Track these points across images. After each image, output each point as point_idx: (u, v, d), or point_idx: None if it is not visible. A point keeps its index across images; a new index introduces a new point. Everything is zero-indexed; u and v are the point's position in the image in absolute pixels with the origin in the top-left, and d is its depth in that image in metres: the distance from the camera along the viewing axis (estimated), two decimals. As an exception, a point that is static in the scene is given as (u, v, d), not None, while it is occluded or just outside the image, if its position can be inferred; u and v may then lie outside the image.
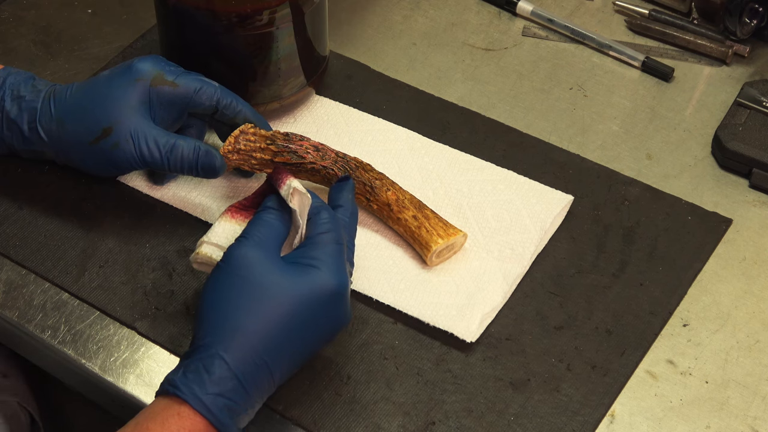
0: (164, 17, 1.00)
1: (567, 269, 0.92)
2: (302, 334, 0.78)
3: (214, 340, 0.76)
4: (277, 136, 0.93)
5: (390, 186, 0.93)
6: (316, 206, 0.83)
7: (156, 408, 0.75)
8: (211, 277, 0.80)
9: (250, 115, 0.94)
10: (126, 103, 0.91)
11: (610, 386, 0.85)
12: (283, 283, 0.78)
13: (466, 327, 0.87)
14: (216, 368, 0.75)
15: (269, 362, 0.77)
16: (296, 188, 0.82)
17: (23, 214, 0.96)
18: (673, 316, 0.89)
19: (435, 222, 0.90)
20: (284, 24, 0.96)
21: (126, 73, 0.93)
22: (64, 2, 1.17)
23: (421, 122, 1.03)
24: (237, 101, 0.94)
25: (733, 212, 0.97)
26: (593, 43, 1.12)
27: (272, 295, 0.77)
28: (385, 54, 1.11)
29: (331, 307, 0.79)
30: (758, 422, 0.83)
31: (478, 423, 0.82)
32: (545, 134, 1.03)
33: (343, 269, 0.80)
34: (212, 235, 0.85)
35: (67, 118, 0.93)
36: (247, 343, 0.76)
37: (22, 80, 0.95)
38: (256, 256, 0.79)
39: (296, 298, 0.77)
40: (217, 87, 0.94)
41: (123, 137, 0.91)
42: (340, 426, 0.82)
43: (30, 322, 0.89)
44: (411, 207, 0.91)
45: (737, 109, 1.02)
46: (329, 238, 0.81)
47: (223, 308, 0.77)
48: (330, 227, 0.82)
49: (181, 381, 0.75)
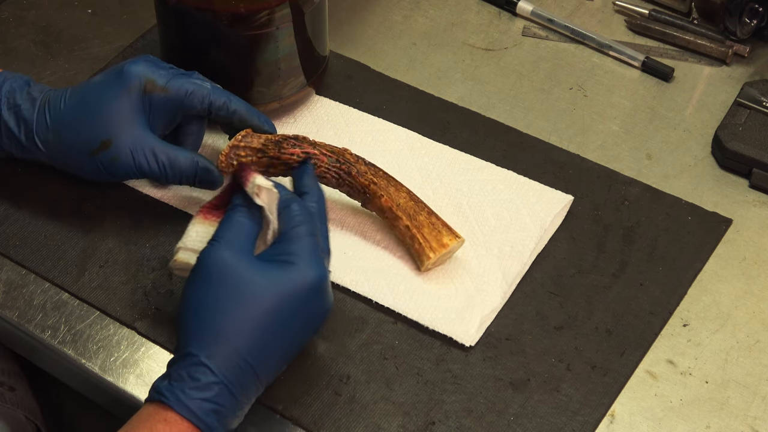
0: (164, 17, 1.00)
1: (567, 269, 0.92)
2: (286, 331, 0.78)
3: (197, 348, 0.76)
4: (269, 147, 0.91)
5: (384, 191, 0.91)
6: (285, 199, 0.82)
7: (143, 415, 0.75)
8: (187, 282, 0.79)
9: (245, 114, 0.93)
10: (122, 115, 0.91)
11: (610, 386, 0.85)
12: (261, 282, 0.77)
13: (465, 331, 0.87)
14: (201, 375, 0.75)
15: (254, 364, 0.76)
16: (260, 185, 0.81)
17: (23, 214, 0.96)
18: (673, 316, 0.89)
19: (428, 231, 0.89)
20: (284, 24, 0.96)
21: (118, 82, 0.91)
22: (64, 2, 1.17)
23: (421, 122, 1.03)
24: (230, 102, 0.93)
25: (733, 212, 0.97)
26: (593, 43, 1.12)
27: (251, 296, 0.77)
28: (385, 54, 1.11)
29: (312, 301, 0.79)
30: (758, 422, 0.83)
31: (478, 423, 0.82)
32: (545, 134, 1.03)
33: (320, 261, 0.80)
34: (187, 239, 0.84)
35: (64, 130, 0.92)
36: (229, 348, 0.76)
37: (18, 86, 0.94)
38: (229, 258, 0.78)
39: (275, 296, 0.77)
40: (209, 89, 0.92)
41: (122, 151, 0.91)
42: (340, 426, 0.82)
43: (30, 322, 0.89)
44: (404, 216, 0.90)
45: (737, 109, 1.02)
46: (302, 231, 0.80)
47: (203, 314, 0.77)
48: (302, 219, 0.81)
49: (166, 389, 0.75)
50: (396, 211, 0.90)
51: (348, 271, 0.91)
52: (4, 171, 0.98)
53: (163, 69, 0.93)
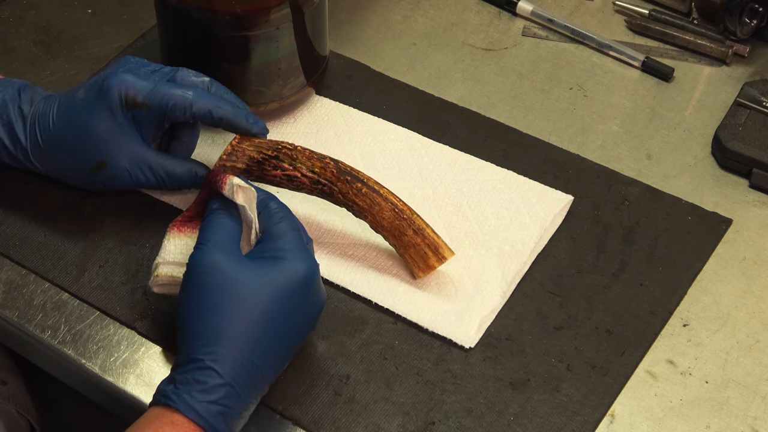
0: (164, 17, 1.00)
1: (567, 269, 0.92)
2: (284, 327, 0.78)
3: (201, 352, 0.76)
4: (252, 168, 0.90)
5: (367, 211, 0.88)
6: (262, 198, 0.83)
7: (149, 417, 0.75)
8: (182, 289, 0.79)
9: (232, 120, 0.90)
10: (111, 136, 0.90)
11: (610, 386, 0.85)
12: (255, 280, 0.78)
13: (465, 332, 0.87)
14: (208, 379, 0.75)
15: (258, 363, 0.76)
16: (239, 185, 0.81)
17: (23, 215, 0.96)
18: (673, 316, 0.89)
19: (414, 252, 0.88)
20: (284, 24, 0.96)
21: (100, 100, 0.90)
22: (64, 2, 1.17)
23: (421, 122, 1.03)
24: (215, 109, 0.90)
25: (733, 212, 0.97)
26: (593, 43, 1.12)
27: (247, 295, 0.77)
28: (385, 54, 1.11)
29: (306, 294, 0.79)
30: (758, 422, 0.83)
31: (478, 423, 0.82)
32: (545, 134, 1.03)
33: (308, 254, 0.80)
34: (165, 253, 0.85)
35: (57, 152, 0.92)
36: (234, 349, 0.76)
37: (9, 99, 0.93)
38: (221, 260, 0.78)
39: (271, 293, 0.77)
40: (190, 99, 0.90)
41: (119, 171, 0.91)
42: (340, 426, 0.82)
43: (30, 322, 0.89)
44: (389, 237, 0.89)
45: (737, 109, 1.02)
46: (286, 227, 0.81)
47: (203, 318, 0.77)
48: (283, 215, 0.82)
49: (173, 392, 0.75)
50: (381, 231, 0.89)
51: (348, 272, 0.91)
52: (4, 171, 0.98)
53: (144, 78, 0.90)
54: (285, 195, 0.96)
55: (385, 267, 0.91)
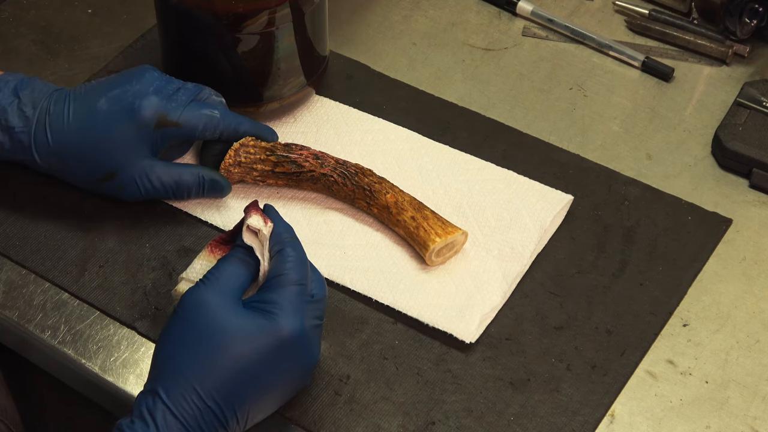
0: (164, 17, 1.00)
1: (567, 269, 0.92)
2: (263, 379, 0.77)
3: (157, 382, 0.76)
4: (277, 146, 0.94)
5: (389, 189, 0.93)
6: (281, 242, 0.80)
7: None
8: (168, 320, 0.79)
9: (254, 132, 0.95)
10: (129, 150, 0.91)
11: (610, 386, 0.85)
12: (233, 329, 0.76)
13: (466, 328, 0.87)
14: (158, 412, 0.74)
15: (214, 407, 0.75)
16: (249, 225, 0.80)
17: (23, 215, 0.96)
18: (673, 316, 0.89)
19: (434, 222, 0.90)
20: (284, 24, 0.96)
21: (129, 117, 0.91)
22: (64, 2, 1.17)
23: (421, 122, 1.03)
24: (239, 124, 0.94)
25: (733, 212, 0.97)
26: (593, 43, 1.12)
27: (220, 340, 0.76)
28: (385, 54, 1.11)
29: (291, 351, 0.78)
30: (758, 422, 0.83)
31: (478, 423, 0.82)
32: (545, 134, 1.03)
33: (300, 313, 0.78)
34: (191, 272, 0.84)
35: (68, 156, 0.92)
36: (186, 384, 0.75)
37: (8, 103, 0.92)
38: (209, 300, 0.78)
39: (248, 345, 0.76)
40: (219, 117, 0.93)
41: (127, 181, 0.92)
42: (340, 426, 0.82)
43: (30, 322, 0.89)
44: (410, 208, 0.91)
45: (737, 109, 1.02)
46: (287, 280, 0.79)
47: (170, 352, 0.77)
48: (291, 266, 0.79)
49: (128, 426, 0.74)
50: (402, 203, 0.91)
51: (347, 270, 0.91)
52: (4, 171, 0.98)
53: (174, 100, 0.92)
54: (285, 195, 0.96)
55: (385, 266, 0.91)
